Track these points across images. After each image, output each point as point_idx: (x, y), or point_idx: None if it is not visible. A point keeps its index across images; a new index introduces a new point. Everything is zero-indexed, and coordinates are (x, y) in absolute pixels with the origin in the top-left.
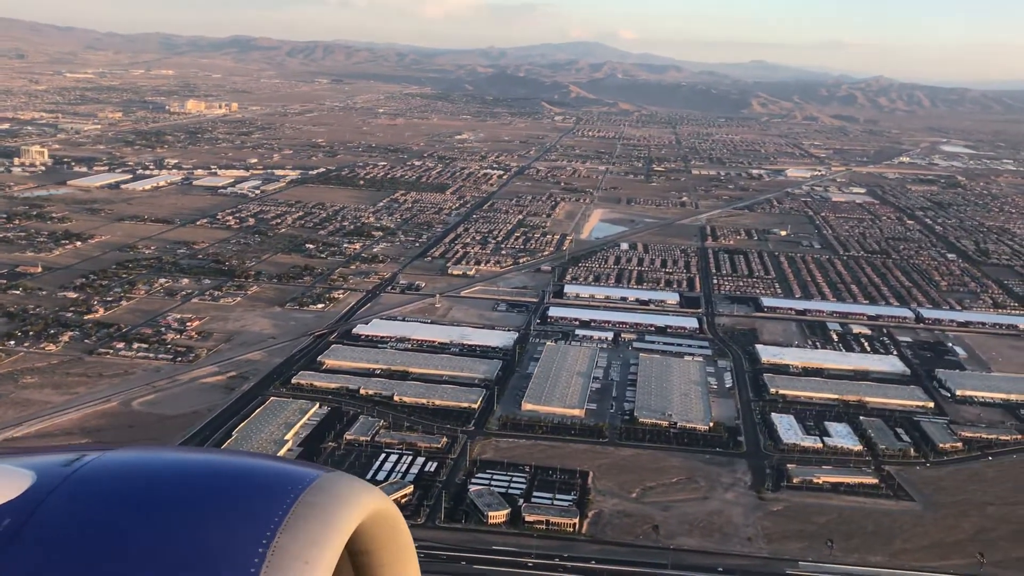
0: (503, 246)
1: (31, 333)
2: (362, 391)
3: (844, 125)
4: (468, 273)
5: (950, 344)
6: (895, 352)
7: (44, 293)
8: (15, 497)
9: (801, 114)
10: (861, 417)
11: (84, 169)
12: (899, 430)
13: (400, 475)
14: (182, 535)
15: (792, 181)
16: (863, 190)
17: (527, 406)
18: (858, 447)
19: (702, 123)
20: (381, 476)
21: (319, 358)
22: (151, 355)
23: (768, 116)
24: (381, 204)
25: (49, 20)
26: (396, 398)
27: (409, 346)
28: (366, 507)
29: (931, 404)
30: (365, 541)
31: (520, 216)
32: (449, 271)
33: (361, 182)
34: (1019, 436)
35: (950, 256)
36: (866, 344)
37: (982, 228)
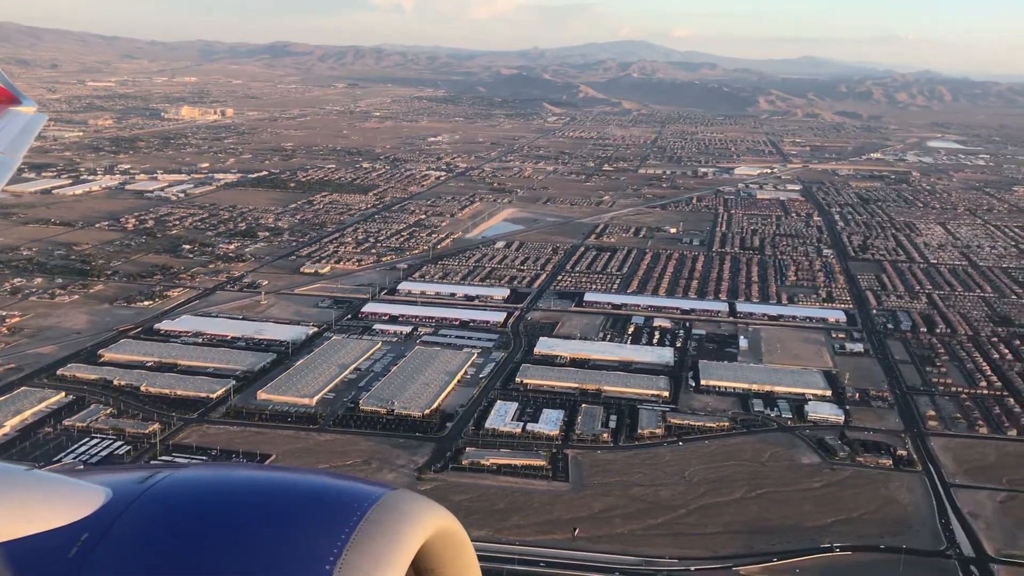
0: (378, 246)
1: None
2: (116, 382)
3: (843, 122)
4: (320, 272)
5: (741, 336)
6: (677, 344)
7: None
8: (92, 512)
9: (803, 111)
10: (583, 405)
11: (32, 175)
12: (612, 416)
13: (88, 457)
14: (252, 551)
15: (734, 179)
16: (798, 187)
17: (261, 396)
18: (555, 432)
19: (696, 122)
20: (69, 459)
21: (99, 351)
22: None
23: (769, 114)
24: (293, 206)
25: (97, 31)
26: (143, 388)
27: (200, 340)
28: (432, 525)
29: (667, 393)
30: (430, 559)
31: (423, 216)
32: (301, 270)
33: (292, 184)
34: (726, 423)
35: (826, 252)
36: (656, 336)
37: (888, 223)
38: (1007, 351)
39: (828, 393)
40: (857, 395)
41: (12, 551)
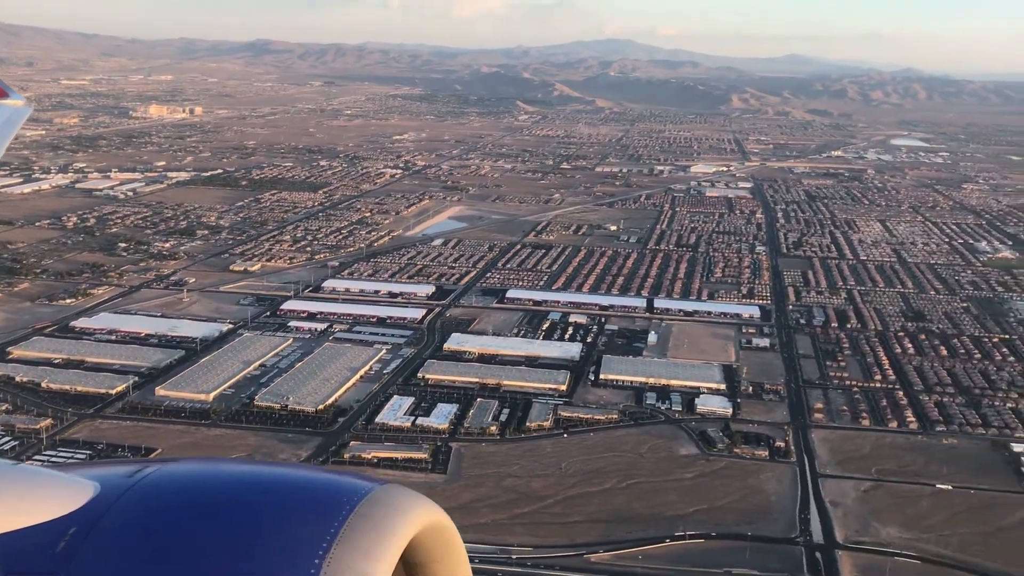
0: (314, 243)
1: None
2: (18, 379)
3: (813, 119)
4: (250, 269)
5: (651, 332)
6: (589, 339)
7: None
8: (80, 507)
9: (774, 110)
10: (479, 399)
11: None
12: (505, 409)
13: None
14: (241, 545)
15: (688, 177)
16: (749, 185)
17: (160, 392)
18: (444, 426)
19: (666, 120)
20: None
21: (9, 348)
22: None
23: (741, 112)
24: (239, 204)
25: (77, 28)
26: (44, 385)
27: (113, 338)
28: (421, 519)
29: (563, 387)
30: (420, 553)
31: (367, 214)
32: (231, 268)
33: (244, 183)
34: (615, 416)
35: (759, 249)
36: (570, 332)
37: (828, 221)
38: (911, 345)
39: (723, 387)
40: (751, 388)
41: None
